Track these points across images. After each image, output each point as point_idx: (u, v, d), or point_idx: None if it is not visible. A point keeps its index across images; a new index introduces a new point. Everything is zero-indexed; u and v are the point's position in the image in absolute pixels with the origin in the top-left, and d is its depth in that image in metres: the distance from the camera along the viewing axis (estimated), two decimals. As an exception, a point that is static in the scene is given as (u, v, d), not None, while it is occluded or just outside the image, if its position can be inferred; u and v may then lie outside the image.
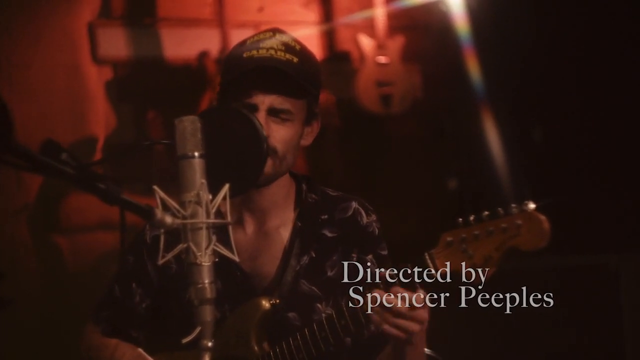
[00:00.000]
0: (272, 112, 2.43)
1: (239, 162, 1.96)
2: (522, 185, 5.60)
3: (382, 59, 5.72)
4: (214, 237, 1.77)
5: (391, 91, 5.72)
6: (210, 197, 1.77)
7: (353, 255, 2.53)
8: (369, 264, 2.51)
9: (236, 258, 1.80)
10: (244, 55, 2.41)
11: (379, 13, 5.70)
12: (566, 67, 5.57)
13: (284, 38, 2.45)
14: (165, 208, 1.74)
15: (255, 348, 2.40)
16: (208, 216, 1.76)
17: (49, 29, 5.06)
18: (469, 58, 5.70)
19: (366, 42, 5.73)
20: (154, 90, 5.25)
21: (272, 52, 2.39)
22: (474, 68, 5.68)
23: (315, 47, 5.88)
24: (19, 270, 4.66)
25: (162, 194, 1.76)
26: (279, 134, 2.45)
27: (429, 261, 2.12)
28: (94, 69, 5.19)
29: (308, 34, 5.83)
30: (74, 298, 4.62)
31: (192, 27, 5.39)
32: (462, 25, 5.64)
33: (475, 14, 5.62)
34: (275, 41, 2.42)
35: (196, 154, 1.77)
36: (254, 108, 2.40)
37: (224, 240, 1.77)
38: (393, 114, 5.76)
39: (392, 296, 2.16)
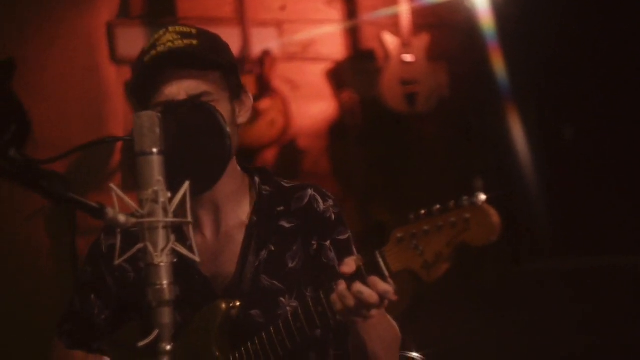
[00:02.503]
0: (193, 99, 2.31)
1: (201, 159, 1.89)
2: (548, 184, 5.50)
3: (407, 57, 5.64)
4: (172, 237, 1.71)
5: (416, 90, 5.64)
6: (170, 195, 1.71)
7: (313, 242, 2.44)
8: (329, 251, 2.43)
9: (197, 258, 1.73)
10: (145, 60, 2.32)
11: (404, 10, 5.62)
12: (593, 64, 5.46)
13: (178, 28, 2.37)
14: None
15: (217, 353, 2.32)
16: (166, 215, 1.70)
17: (66, 29, 5.05)
18: (495, 56, 5.62)
19: (391, 40, 5.65)
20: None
21: (170, 44, 2.30)
22: (500, 66, 5.60)
23: (338, 45, 5.82)
24: (36, 273, 4.64)
25: (119, 192, 1.70)
26: None
27: (380, 261, 2.03)
28: (113, 69, 5.18)
29: (331, 32, 5.78)
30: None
31: (212, 26, 5.26)
32: (488, 22, 5.56)
33: (501, 11, 5.54)
34: (169, 34, 2.33)
35: (154, 150, 1.71)
36: (172, 103, 2.30)
37: (184, 240, 1.71)
38: (418, 112, 5.67)
39: (367, 288, 2.06)
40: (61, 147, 1.87)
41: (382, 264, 2.02)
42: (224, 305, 2.32)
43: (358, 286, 2.03)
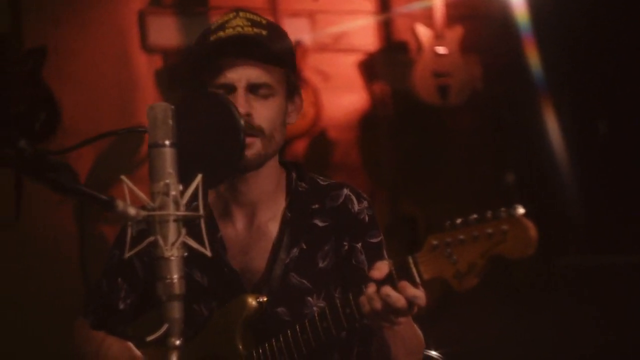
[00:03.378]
0: (252, 88, 2.31)
1: (215, 152, 1.87)
2: (581, 179, 5.44)
3: (440, 50, 5.59)
4: (183, 230, 1.69)
5: (449, 82, 5.59)
6: (181, 188, 1.69)
7: (345, 243, 2.40)
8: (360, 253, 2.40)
9: (208, 252, 1.70)
10: (211, 38, 2.29)
11: (437, 2, 5.57)
12: (629, 57, 5.38)
13: (249, 15, 2.34)
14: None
15: (240, 347, 2.30)
16: (177, 208, 1.68)
17: (97, 17, 5.05)
18: (529, 48, 5.55)
19: (424, 32, 5.61)
20: (205, 80, 5.19)
21: (239, 29, 2.27)
22: (534, 58, 5.54)
23: (371, 37, 5.79)
24: (64, 260, 4.65)
25: (130, 184, 1.68)
26: (263, 112, 2.32)
27: (412, 266, 2.00)
28: (144, 58, 5.17)
29: (364, 24, 5.74)
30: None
31: (244, 16, 5.32)
32: (523, 14, 5.50)
33: (535, 2, 5.47)
34: (239, 20, 2.30)
35: (167, 142, 1.69)
36: (232, 88, 2.29)
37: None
38: (450, 105, 5.62)
39: (395, 292, 2.03)
40: (91, 135, 1.85)
41: (414, 270, 2.00)
42: (250, 300, 2.30)
43: (387, 290, 2.02)
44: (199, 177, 1.70)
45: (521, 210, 1.85)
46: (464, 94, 5.64)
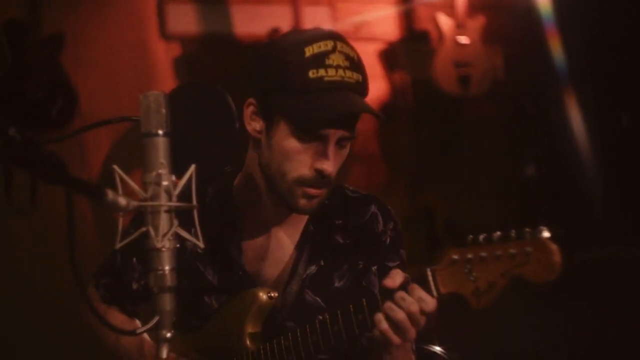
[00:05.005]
0: (338, 141, 2.20)
1: (209, 143, 1.84)
2: (602, 171, 5.38)
3: (461, 39, 5.54)
4: (175, 221, 1.66)
5: (470, 72, 5.54)
6: (174, 178, 1.67)
7: (360, 263, 2.36)
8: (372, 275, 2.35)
9: (201, 244, 1.68)
10: (310, 75, 2.12)
11: (459, -9, 5.53)
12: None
13: (344, 48, 2.18)
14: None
15: (247, 342, 2.28)
16: (169, 199, 1.65)
17: (116, 4, 5.03)
18: (552, 39, 5.49)
19: (445, 22, 5.56)
20: (223, 67, 5.16)
21: (342, 72, 2.13)
22: (556, 49, 5.47)
23: (392, 26, 5.74)
24: (80, 247, 4.63)
25: (122, 174, 1.66)
26: (338, 161, 2.22)
27: (430, 279, 1.96)
28: (162, 45, 5.15)
29: (385, 13, 5.69)
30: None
31: (264, 4, 5.29)
32: (545, 3, 5.43)
33: (558, -8, 5.41)
34: (339, 56, 2.14)
35: (160, 131, 1.66)
36: (324, 139, 2.16)
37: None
38: (471, 95, 5.58)
39: (410, 297, 2.00)
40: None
41: (431, 282, 1.96)
42: (261, 293, 2.27)
43: (401, 294, 1.99)
44: (193, 168, 1.68)
45: (546, 234, 1.81)
46: (485, 84, 5.60)
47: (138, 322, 2.49)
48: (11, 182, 4.71)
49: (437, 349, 2.57)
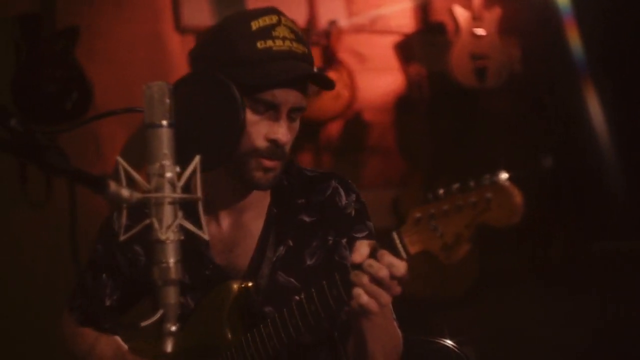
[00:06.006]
0: (290, 112, 2.17)
1: (214, 133, 1.82)
2: (621, 163, 5.34)
3: (478, 31, 5.50)
4: (180, 213, 1.64)
5: (486, 64, 5.51)
6: (178, 169, 1.65)
7: (329, 238, 2.32)
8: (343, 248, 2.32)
9: (206, 236, 1.66)
10: (258, 45, 2.12)
11: (476, -17, 5.49)
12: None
13: (288, 23, 2.20)
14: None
15: (229, 335, 2.25)
16: (173, 190, 1.63)
17: (130, -3, 5.03)
18: (569, 30, 5.45)
19: (461, 13, 5.52)
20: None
21: (289, 43, 2.14)
22: (574, 41, 5.43)
23: (408, 18, 5.71)
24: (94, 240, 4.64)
25: (126, 166, 1.64)
26: (291, 134, 2.21)
27: (397, 242, 1.92)
28: (177, 38, 5.14)
29: (401, 5, 5.66)
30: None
31: (279, -4, 5.27)
32: (563, -5, 5.40)
33: (576, -17, 5.37)
34: (285, 29, 2.15)
35: (164, 122, 1.64)
36: (275, 107, 2.15)
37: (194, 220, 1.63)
38: (487, 88, 5.54)
39: (377, 262, 1.96)
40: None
41: (399, 245, 1.92)
42: (235, 286, 2.25)
43: (369, 261, 1.93)
44: (197, 159, 1.66)
45: (504, 176, 1.76)
46: (502, 76, 5.56)
47: (118, 338, 2.46)
48: (26, 175, 4.73)
49: (449, 342, 2.54)
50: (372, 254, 1.94)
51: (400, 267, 1.92)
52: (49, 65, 4.57)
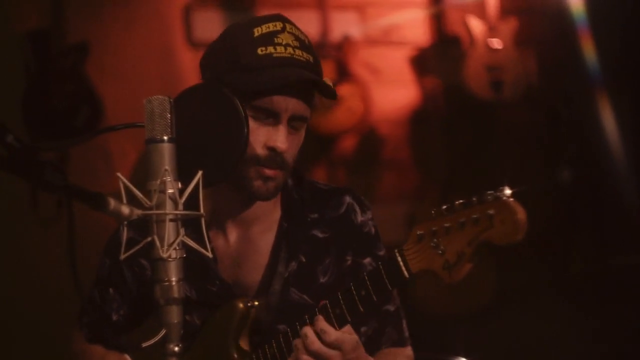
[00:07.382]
0: (291, 120, 2.13)
1: (217, 147, 1.77)
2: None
3: (493, 43, 5.44)
4: (182, 230, 1.59)
5: (502, 77, 5.44)
6: (180, 185, 1.60)
7: (347, 258, 2.27)
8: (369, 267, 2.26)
9: (209, 254, 1.61)
10: (259, 52, 2.09)
11: (491, -6, 5.44)
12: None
13: (294, 30, 2.15)
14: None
15: (235, 356, 2.20)
16: (175, 207, 1.58)
17: (141, 12, 5.00)
18: (586, 42, 5.37)
19: (476, 25, 5.47)
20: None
21: (291, 50, 2.09)
22: (591, 53, 5.35)
23: (422, 30, 5.66)
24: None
25: (126, 182, 1.59)
26: (292, 146, 2.16)
27: (399, 260, 1.87)
28: (188, 53, 5.11)
29: (415, 17, 5.62)
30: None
31: (291, 10, 5.22)
32: (578, 6, 5.32)
33: (592, -5, 5.30)
34: (289, 36, 2.11)
35: (165, 137, 1.60)
36: (275, 115, 2.10)
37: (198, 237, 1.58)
38: (504, 100, 5.48)
39: (310, 334, 1.96)
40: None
41: (401, 263, 1.87)
42: (240, 305, 2.19)
43: (304, 330, 2.00)
44: (199, 174, 1.62)
45: (507, 192, 1.71)
46: (518, 88, 5.50)
47: (127, 357, 2.41)
48: (38, 192, 4.69)
49: (463, 360, 2.48)
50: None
51: (331, 334, 1.92)
52: (59, 81, 4.55)
